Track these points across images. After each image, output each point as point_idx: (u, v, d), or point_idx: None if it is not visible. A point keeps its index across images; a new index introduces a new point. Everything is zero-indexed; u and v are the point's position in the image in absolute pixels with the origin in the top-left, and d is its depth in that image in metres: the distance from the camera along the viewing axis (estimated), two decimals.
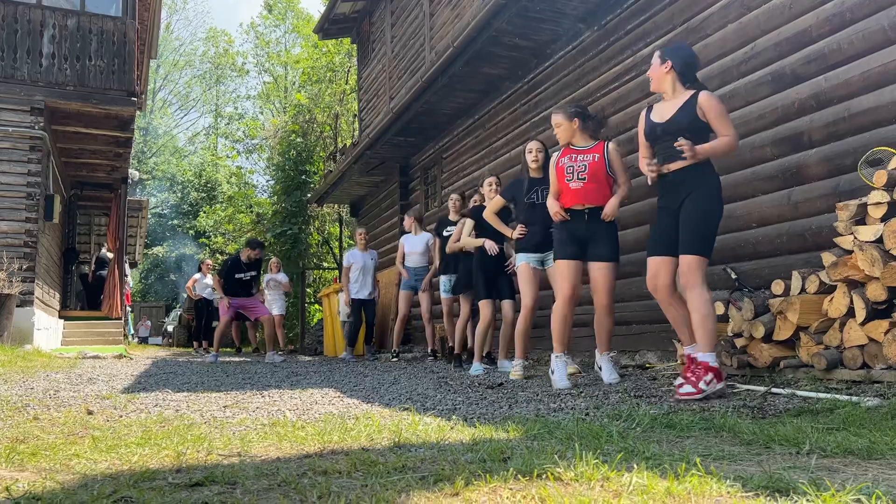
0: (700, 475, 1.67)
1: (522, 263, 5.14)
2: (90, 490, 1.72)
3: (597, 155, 4.39)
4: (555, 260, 4.50)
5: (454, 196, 7.48)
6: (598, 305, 4.39)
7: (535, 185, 5.17)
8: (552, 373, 4.38)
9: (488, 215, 5.65)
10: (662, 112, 3.78)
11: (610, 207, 4.32)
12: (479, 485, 1.67)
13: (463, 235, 6.30)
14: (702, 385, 3.41)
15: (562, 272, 4.38)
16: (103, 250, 14.71)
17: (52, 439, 2.57)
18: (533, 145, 5.28)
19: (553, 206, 4.45)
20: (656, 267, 3.75)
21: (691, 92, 3.72)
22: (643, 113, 3.93)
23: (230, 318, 9.28)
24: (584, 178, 4.33)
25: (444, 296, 7.29)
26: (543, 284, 5.24)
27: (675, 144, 3.57)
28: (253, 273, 9.24)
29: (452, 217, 7.33)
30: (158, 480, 1.83)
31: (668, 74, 3.79)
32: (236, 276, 9.12)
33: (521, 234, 5.11)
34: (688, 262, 3.58)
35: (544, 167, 5.12)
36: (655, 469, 1.81)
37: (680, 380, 3.56)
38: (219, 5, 49.76)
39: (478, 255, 6.02)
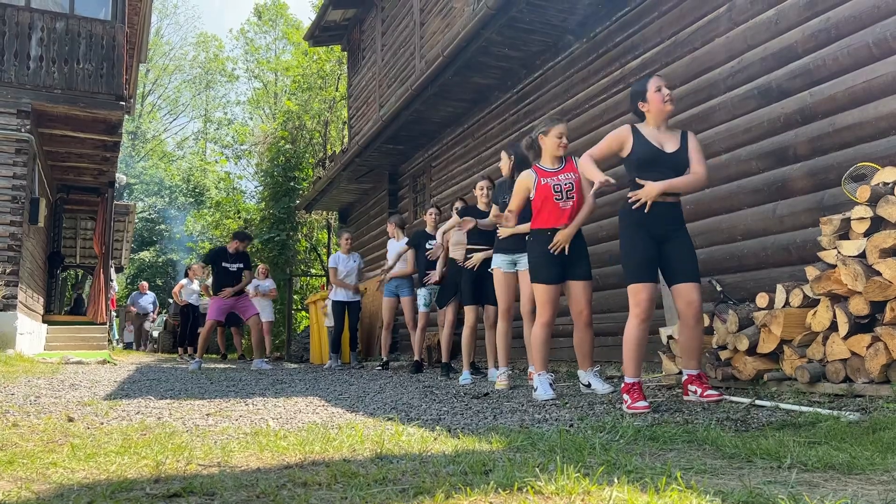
0: (680, 489, 1.67)
1: (496, 268, 5.21)
2: (65, 500, 1.70)
3: (575, 174, 4.38)
4: (536, 282, 4.35)
5: (432, 210, 7.47)
6: (581, 322, 4.39)
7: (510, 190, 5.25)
8: (534, 390, 4.37)
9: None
10: (660, 139, 3.76)
11: (573, 228, 4.29)
12: (459, 498, 1.67)
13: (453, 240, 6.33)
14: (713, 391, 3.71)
15: (546, 297, 4.31)
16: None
17: (30, 447, 2.54)
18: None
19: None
20: (654, 293, 3.71)
21: (678, 130, 3.89)
22: (628, 128, 3.82)
23: (214, 323, 9.12)
24: (572, 197, 4.33)
25: (421, 310, 7.30)
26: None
27: (638, 180, 3.70)
28: (240, 265, 9.00)
29: (430, 230, 7.31)
30: (136, 491, 1.81)
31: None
32: (223, 264, 8.91)
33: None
34: (699, 290, 3.70)
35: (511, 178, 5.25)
36: (637, 483, 1.80)
37: (695, 387, 3.73)
38: (204, 11, 49.55)
39: (466, 259, 6.00)
